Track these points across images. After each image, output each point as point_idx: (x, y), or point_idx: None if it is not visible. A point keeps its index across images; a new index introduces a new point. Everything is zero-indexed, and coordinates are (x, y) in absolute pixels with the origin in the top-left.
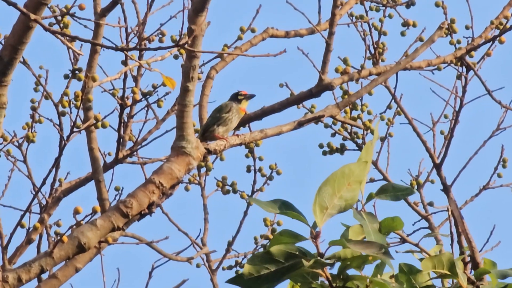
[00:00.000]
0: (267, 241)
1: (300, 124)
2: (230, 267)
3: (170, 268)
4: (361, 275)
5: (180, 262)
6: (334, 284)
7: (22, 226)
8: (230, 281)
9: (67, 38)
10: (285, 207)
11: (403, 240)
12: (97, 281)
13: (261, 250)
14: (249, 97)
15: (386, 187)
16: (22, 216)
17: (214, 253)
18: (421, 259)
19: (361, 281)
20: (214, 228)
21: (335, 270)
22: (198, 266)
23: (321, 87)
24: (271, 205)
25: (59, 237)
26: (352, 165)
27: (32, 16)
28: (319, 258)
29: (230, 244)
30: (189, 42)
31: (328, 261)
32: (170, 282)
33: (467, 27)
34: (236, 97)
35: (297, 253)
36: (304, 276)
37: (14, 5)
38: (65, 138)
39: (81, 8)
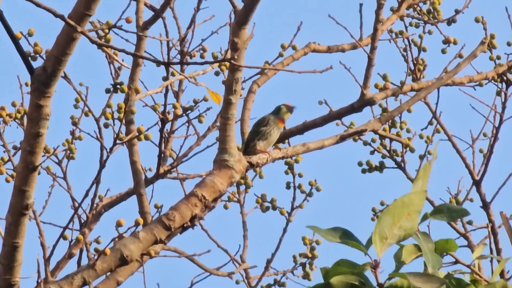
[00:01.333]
0: (306, 259)
1: (342, 138)
2: (269, 286)
3: (210, 283)
4: None
5: (220, 277)
6: None
7: (65, 238)
8: None
9: (113, 50)
10: (345, 236)
11: (455, 261)
12: None
13: (300, 268)
14: (290, 109)
15: (441, 208)
16: (65, 229)
17: (254, 269)
18: (472, 281)
19: None
20: (253, 245)
21: None
22: (237, 282)
23: (363, 102)
24: (331, 233)
25: (99, 253)
26: (411, 194)
27: (79, 29)
28: None
29: (269, 261)
30: (234, 56)
31: None
32: None
33: (508, 44)
34: (278, 110)
35: (357, 283)
36: None
37: (62, 17)
38: (108, 150)
39: (128, 21)
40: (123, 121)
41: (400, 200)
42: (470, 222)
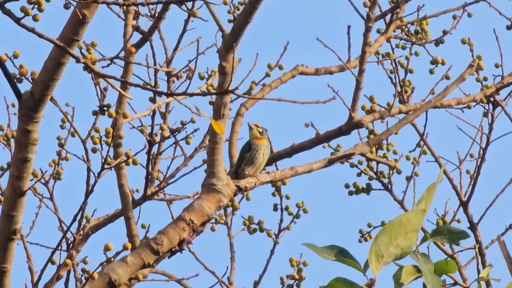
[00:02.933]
0: (294, 281)
1: (331, 162)
2: None
3: None
4: None
5: None
6: None
7: (53, 263)
8: None
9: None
10: (341, 254)
11: (454, 283)
12: None
13: None
14: (251, 127)
15: (441, 229)
16: (53, 253)
17: None
18: None
19: None
20: (240, 267)
21: None
22: None
23: (351, 125)
24: (327, 251)
25: (86, 274)
26: (410, 213)
27: (82, 60)
28: None
29: (256, 283)
30: (229, 86)
31: None
32: None
33: (496, 66)
34: (249, 130)
35: None
36: None
37: (64, 48)
38: (96, 175)
39: (130, 51)
40: (111, 145)
41: (398, 219)
42: (457, 243)
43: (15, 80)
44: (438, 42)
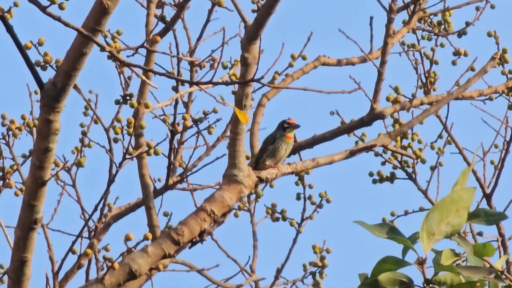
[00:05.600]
0: (316, 268)
1: (352, 154)
2: None
3: None
4: None
5: None
6: None
7: (73, 253)
8: None
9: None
10: (391, 232)
11: (490, 267)
12: None
13: (310, 277)
14: (294, 127)
15: (478, 212)
16: (74, 242)
17: (263, 280)
18: (505, 287)
19: None
20: (263, 255)
21: None
22: None
23: (373, 116)
24: (379, 229)
25: (108, 262)
26: (461, 191)
27: (107, 48)
28: (431, 285)
29: (279, 271)
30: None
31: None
32: None
33: None
34: (282, 126)
35: (405, 280)
36: None
37: (89, 38)
38: (117, 165)
39: (155, 40)
40: (133, 135)
41: (449, 197)
42: (480, 234)
43: (38, 67)
44: (461, 33)
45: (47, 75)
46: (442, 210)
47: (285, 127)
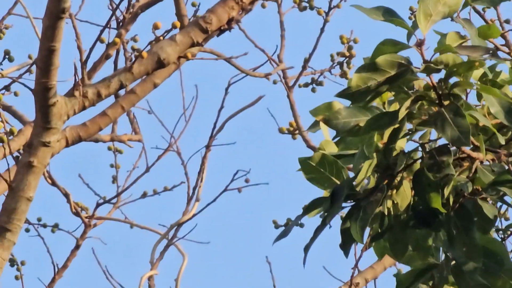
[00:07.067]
0: (344, 58)
1: None
2: (306, 85)
3: (247, 85)
4: (467, 80)
5: (257, 78)
6: (440, 92)
7: (102, 42)
8: (339, 95)
9: None
10: (388, 14)
11: (496, 49)
12: (175, 97)
13: (338, 67)
14: None
15: None
16: (102, 32)
17: (291, 70)
18: None
19: (468, 87)
20: (290, 46)
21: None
22: (275, 82)
23: None
24: (375, 12)
25: (136, 53)
26: None
27: None
28: (429, 64)
29: (306, 61)
30: None
31: (437, 67)
32: (246, 98)
33: None
34: None
35: (403, 62)
36: (400, 87)
37: None
38: None
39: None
40: None
41: None
42: (507, 21)
43: None
44: None
45: None
46: None
47: None
